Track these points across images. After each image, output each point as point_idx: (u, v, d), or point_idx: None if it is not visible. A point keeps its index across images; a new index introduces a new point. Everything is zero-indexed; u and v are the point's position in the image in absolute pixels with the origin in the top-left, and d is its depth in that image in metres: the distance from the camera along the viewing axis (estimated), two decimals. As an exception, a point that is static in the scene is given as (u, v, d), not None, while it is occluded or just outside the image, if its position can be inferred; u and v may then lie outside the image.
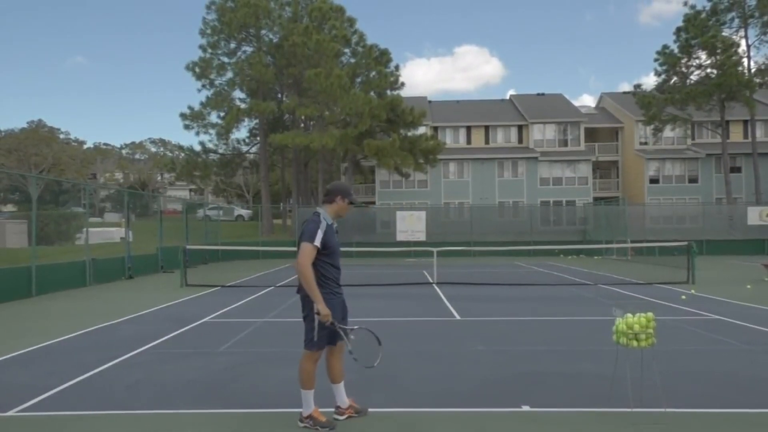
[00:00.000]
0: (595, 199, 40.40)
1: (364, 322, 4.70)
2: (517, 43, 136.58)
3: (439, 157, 37.75)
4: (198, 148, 40.89)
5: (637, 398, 4.83)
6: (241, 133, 57.48)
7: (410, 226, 27.94)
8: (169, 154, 65.14)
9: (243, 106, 37.55)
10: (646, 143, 42.48)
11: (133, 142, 79.03)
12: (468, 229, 32.93)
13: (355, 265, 23.37)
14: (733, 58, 34.21)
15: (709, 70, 35.81)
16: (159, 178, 72.97)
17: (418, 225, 27.97)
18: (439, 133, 42.70)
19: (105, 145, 73.61)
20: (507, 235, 31.97)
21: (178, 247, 18.48)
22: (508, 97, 50.60)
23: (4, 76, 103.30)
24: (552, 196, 40.94)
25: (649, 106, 36.19)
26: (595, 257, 27.99)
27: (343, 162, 41.46)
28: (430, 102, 48.34)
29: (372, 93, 35.39)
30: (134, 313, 10.45)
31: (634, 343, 4.61)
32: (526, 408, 4.83)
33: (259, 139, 40.11)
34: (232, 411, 4.82)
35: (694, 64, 36.59)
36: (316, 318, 4.31)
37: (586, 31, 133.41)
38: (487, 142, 43.82)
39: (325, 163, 39.16)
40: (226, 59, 38.10)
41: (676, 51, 36.11)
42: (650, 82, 54.22)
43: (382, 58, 36.50)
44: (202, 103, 37.55)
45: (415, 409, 4.83)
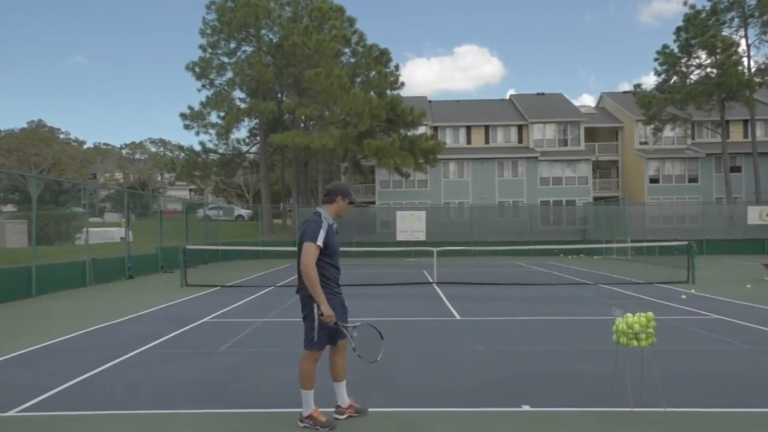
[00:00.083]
0: (595, 199, 40.42)
1: (365, 321, 4.70)
2: (517, 43, 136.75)
3: (439, 157, 37.76)
4: (198, 148, 41.00)
5: (637, 398, 4.83)
6: (241, 133, 57.43)
7: (410, 226, 27.95)
8: (169, 154, 65.14)
9: (243, 106, 37.58)
10: (646, 143, 42.48)
11: (133, 142, 79.16)
12: (468, 229, 32.92)
13: (355, 265, 23.36)
14: (733, 57, 34.21)
15: (709, 70, 35.80)
16: (159, 178, 72.96)
17: (418, 225, 27.98)
18: (439, 132, 42.70)
19: (105, 145, 73.70)
20: (507, 234, 31.96)
21: (178, 247, 18.48)
22: (508, 97, 50.59)
23: (4, 76, 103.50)
24: (552, 196, 40.94)
25: (649, 105, 36.18)
26: (595, 257, 27.99)
27: (343, 162, 41.47)
28: (430, 102, 48.33)
29: (372, 93, 35.41)
30: (134, 313, 10.45)
31: (634, 343, 4.61)
32: (526, 408, 4.83)
33: (259, 139, 40.11)
34: (232, 411, 4.82)
35: (694, 63, 36.59)
36: (317, 318, 4.31)
37: (586, 30, 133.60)
38: (487, 141, 43.82)
39: (325, 163, 39.15)
40: (226, 59, 38.14)
41: (676, 51, 36.10)
42: (650, 81, 54.10)
43: (382, 57, 36.51)
44: (202, 103, 37.61)
45: (415, 409, 4.83)
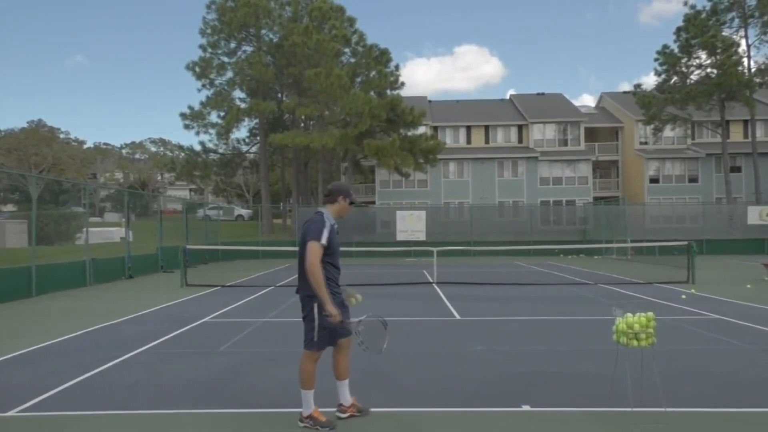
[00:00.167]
0: (595, 199, 40.41)
1: (368, 314, 4.71)
2: (517, 43, 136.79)
3: (439, 156, 37.75)
4: (198, 148, 41.01)
5: (637, 398, 4.83)
6: (241, 133, 57.37)
7: (410, 226, 27.95)
8: (169, 154, 65.14)
9: (243, 106, 37.59)
10: (646, 143, 42.47)
11: (133, 142, 79.13)
12: (468, 229, 32.92)
13: (355, 264, 23.37)
14: (733, 57, 34.20)
15: (709, 70, 35.80)
16: (159, 178, 72.95)
17: (418, 225, 27.98)
18: (439, 132, 42.69)
19: (105, 144, 73.69)
20: (507, 234, 31.96)
21: (178, 247, 18.48)
22: (508, 97, 50.58)
23: (4, 76, 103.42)
24: (552, 196, 40.93)
25: (649, 105, 36.17)
26: (595, 257, 27.99)
27: (343, 162, 41.46)
28: (430, 102, 48.31)
29: (372, 93, 35.40)
30: (134, 313, 10.45)
31: (634, 343, 4.61)
32: (526, 408, 4.83)
33: (259, 138, 40.11)
34: (232, 411, 4.82)
35: (694, 63, 36.59)
36: (317, 318, 4.32)
37: (586, 30, 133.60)
38: (487, 141, 43.81)
39: (325, 162, 39.15)
40: (226, 59, 38.13)
41: (676, 51, 36.09)
42: (650, 81, 54.20)
43: (382, 57, 36.51)
44: (202, 103, 37.61)
45: (416, 409, 4.83)
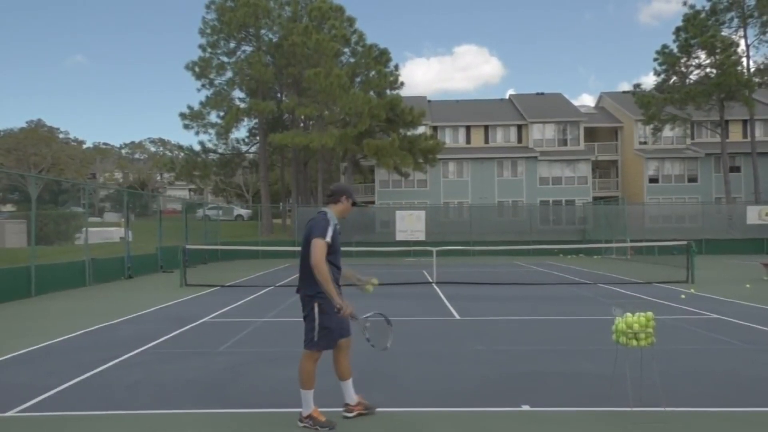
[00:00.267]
0: (595, 199, 40.40)
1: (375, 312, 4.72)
2: (517, 43, 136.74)
3: (439, 156, 37.75)
4: (197, 148, 40.97)
5: (636, 397, 4.83)
6: (241, 133, 57.46)
7: (410, 226, 27.96)
8: (169, 154, 65.10)
9: (242, 106, 37.58)
10: (645, 143, 42.47)
11: (133, 142, 79.09)
12: (467, 229, 32.93)
13: (355, 264, 23.30)
14: (733, 57, 34.22)
15: (708, 70, 35.81)
16: (158, 178, 72.90)
17: (417, 224, 28.00)
18: (438, 132, 42.69)
19: (104, 144, 73.63)
20: (506, 234, 31.95)
21: (177, 247, 18.48)
22: (507, 97, 50.55)
23: (4, 76, 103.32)
24: (551, 196, 40.94)
25: (648, 105, 36.18)
26: (595, 257, 28.00)
27: (342, 162, 41.45)
28: (430, 101, 48.31)
29: (371, 92, 35.41)
30: (134, 313, 10.44)
31: (634, 343, 4.61)
32: (525, 407, 4.83)
33: (258, 138, 40.10)
34: (231, 411, 4.82)
35: (694, 63, 36.60)
36: (317, 318, 4.33)
37: (586, 30, 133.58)
38: (487, 141, 43.81)
39: (325, 162, 39.15)
40: (225, 59, 38.11)
41: (676, 51, 36.09)
42: (650, 81, 54.14)
43: (382, 57, 36.51)
44: (201, 103, 37.58)
45: (415, 409, 4.84)
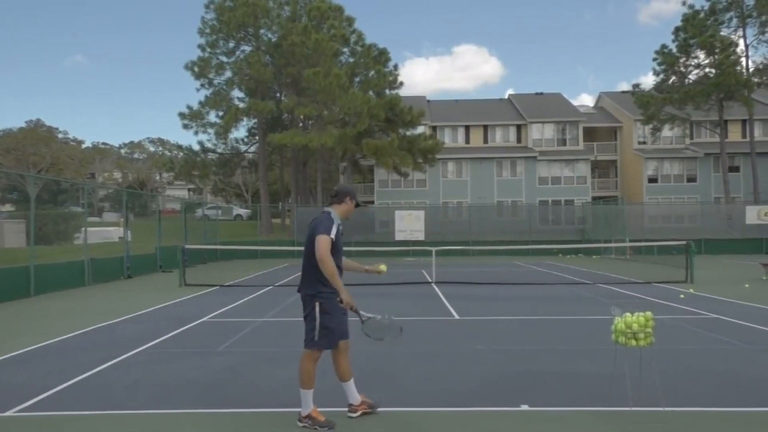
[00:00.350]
0: (594, 199, 40.40)
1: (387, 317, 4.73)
2: (516, 43, 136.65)
3: (438, 156, 37.77)
4: (197, 148, 40.96)
5: (636, 397, 4.83)
6: (240, 133, 57.59)
7: (409, 226, 27.96)
8: (168, 154, 65.05)
9: (242, 106, 37.56)
10: (644, 143, 42.48)
11: (132, 142, 79.10)
12: (467, 229, 32.93)
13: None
14: (732, 57, 34.22)
15: (707, 70, 35.81)
16: (158, 178, 72.83)
17: (416, 224, 28.00)
18: (437, 132, 42.69)
19: (103, 144, 73.63)
20: (506, 234, 31.95)
21: (176, 247, 18.47)
22: (506, 97, 50.53)
23: (3, 76, 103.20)
24: (551, 196, 40.95)
25: (647, 105, 36.19)
26: (594, 256, 28.01)
27: (341, 161, 41.43)
28: (429, 101, 48.31)
29: (371, 92, 35.41)
30: (133, 313, 10.44)
31: (633, 343, 4.61)
32: (525, 407, 4.83)
33: (257, 138, 40.09)
34: (231, 411, 4.82)
35: (693, 63, 36.60)
36: (318, 317, 4.35)
37: (585, 30, 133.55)
38: (486, 141, 43.81)
39: (324, 162, 39.15)
40: (224, 58, 38.10)
41: (675, 50, 36.10)
42: (649, 81, 54.37)
43: (381, 57, 36.51)
44: (200, 103, 37.57)
45: (415, 409, 4.84)
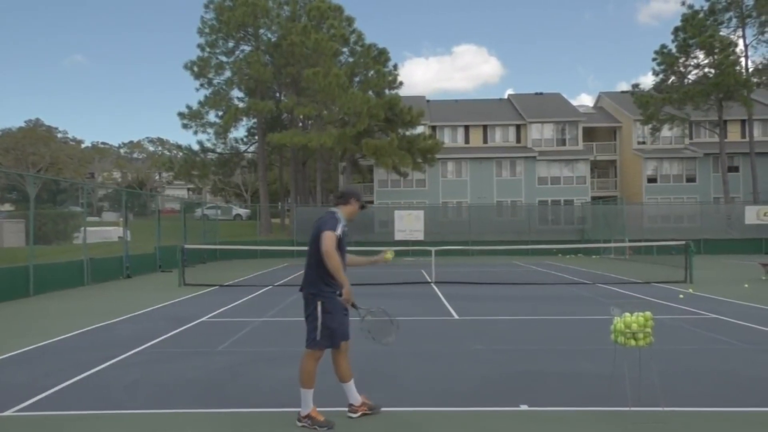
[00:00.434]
0: (593, 199, 40.39)
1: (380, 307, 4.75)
2: (516, 43, 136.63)
3: (438, 156, 37.75)
4: (196, 148, 40.93)
5: (635, 397, 4.84)
6: (240, 133, 57.61)
7: (408, 226, 27.97)
8: (167, 154, 65.05)
9: (241, 106, 37.55)
10: (644, 143, 42.48)
11: (131, 142, 79.04)
12: (466, 229, 32.93)
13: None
14: (731, 57, 34.23)
15: (706, 70, 35.82)
16: (157, 178, 72.81)
17: (416, 224, 28.01)
18: (437, 132, 42.68)
19: (103, 144, 73.57)
20: (505, 234, 31.95)
21: (176, 247, 18.46)
22: (506, 97, 50.52)
23: (3, 75, 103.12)
24: (550, 196, 40.95)
25: (647, 105, 36.19)
26: (593, 256, 28.02)
27: (341, 161, 41.40)
28: (429, 101, 48.28)
29: (370, 92, 35.39)
30: (132, 313, 10.43)
31: (632, 343, 4.61)
32: (524, 407, 4.83)
33: (257, 138, 40.07)
34: (230, 410, 4.82)
35: (692, 63, 36.61)
36: (320, 317, 4.37)
37: (585, 30, 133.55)
38: (486, 141, 43.79)
39: (324, 162, 39.14)
40: (224, 58, 38.08)
41: (674, 51, 36.09)
42: (648, 81, 54.38)
43: (381, 57, 36.48)
44: (200, 103, 37.51)
45: (414, 409, 4.84)
